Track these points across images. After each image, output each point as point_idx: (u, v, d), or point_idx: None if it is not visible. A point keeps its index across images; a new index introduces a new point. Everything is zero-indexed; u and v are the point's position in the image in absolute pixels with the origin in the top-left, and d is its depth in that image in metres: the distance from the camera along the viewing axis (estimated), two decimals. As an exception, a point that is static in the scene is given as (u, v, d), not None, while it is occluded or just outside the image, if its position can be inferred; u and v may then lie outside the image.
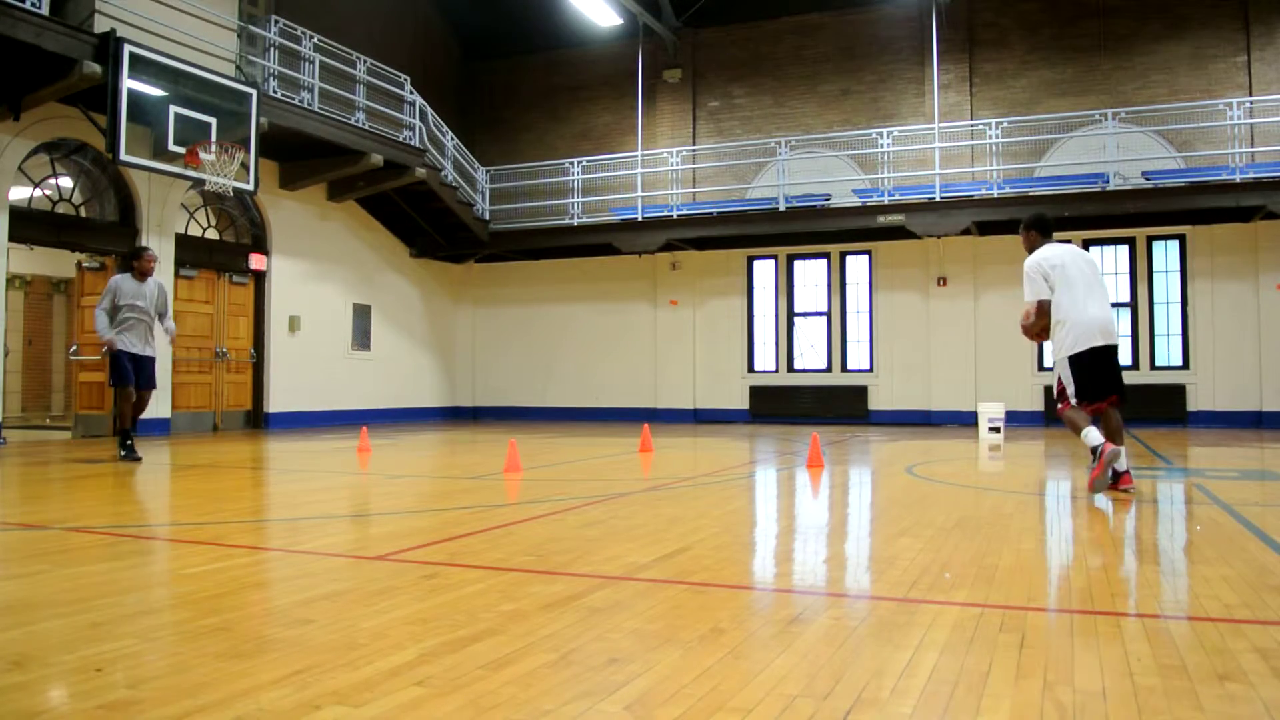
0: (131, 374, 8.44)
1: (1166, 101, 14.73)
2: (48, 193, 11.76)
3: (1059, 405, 6.01)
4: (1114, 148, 14.30)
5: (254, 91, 11.87)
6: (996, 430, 12.00)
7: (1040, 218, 6.25)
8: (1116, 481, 5.77)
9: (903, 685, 2.24)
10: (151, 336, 8.63)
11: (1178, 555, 4.06)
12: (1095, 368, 5.78)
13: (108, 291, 8.52)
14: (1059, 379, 5.97)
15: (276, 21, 13.25)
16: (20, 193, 11.39)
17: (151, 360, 8.61)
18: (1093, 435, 5.68)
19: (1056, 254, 5.96)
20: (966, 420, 14.88)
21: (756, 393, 16.78)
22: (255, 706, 2.09)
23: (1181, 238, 14.77)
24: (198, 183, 11.81)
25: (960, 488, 6.58)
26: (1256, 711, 2.07)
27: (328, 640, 2.63)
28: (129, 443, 8.41)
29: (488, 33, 19.17)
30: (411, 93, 15.56)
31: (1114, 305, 15.14)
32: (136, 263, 8.64)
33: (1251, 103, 14.03)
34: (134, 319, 8.47)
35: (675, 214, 16.16)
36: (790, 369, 16.76)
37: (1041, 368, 15.32)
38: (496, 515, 5.22)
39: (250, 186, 12.12)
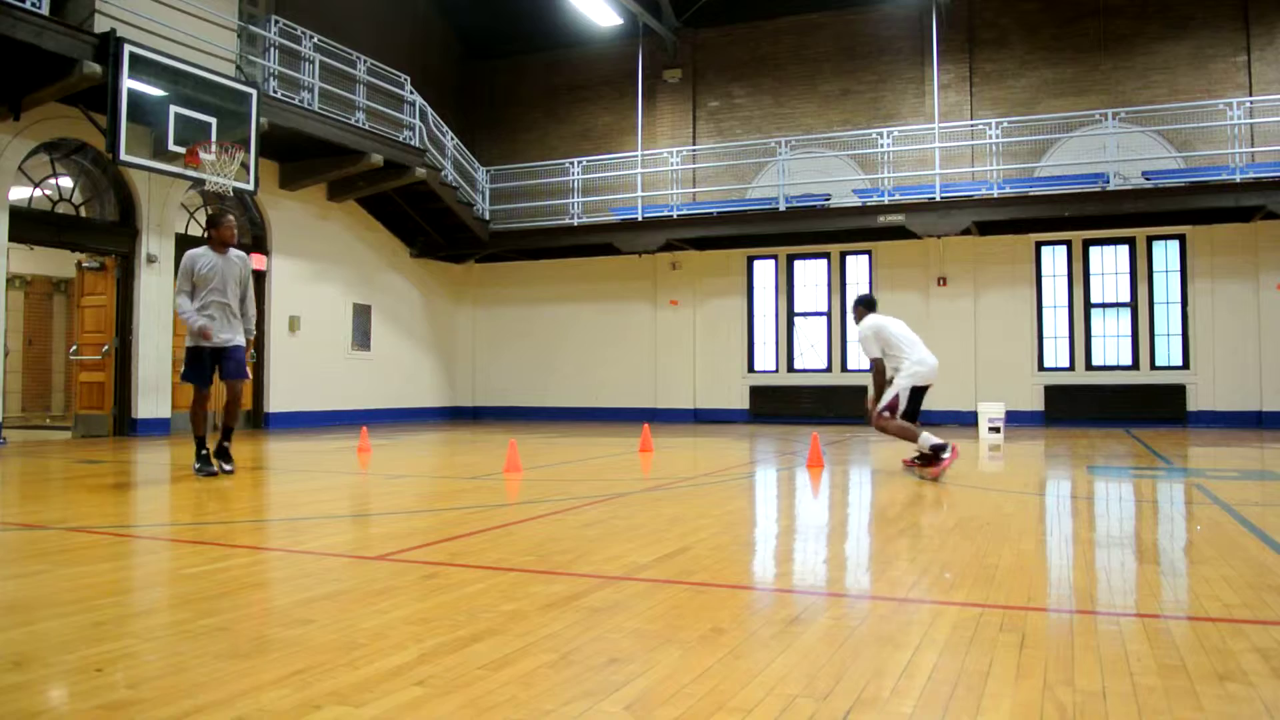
0: (209, 374, 7.12)
1: (1166, 101, 14.73)
2: (48, 193, 11.75)
3: (884, 414, 7.37)
4: (1114, 148, 14.30)
5: (254, 91, 11.87)
6: (996, 430, 12.00)
7: (869, 299, 7.90)
8: (929, 463, 7.11)
9: (903, 685, 2.24)
10: (236, 319, 7.22)
11: (1178, 555, 4.06)
12: (919, 397, 7.54)
13: (183, 270, 7.04)
14: (895, 396, 7.38)
15: (276, 21, 13.26)
16: (20, 193, 11.38)
17: (239, 348, 7.18)
18: (932, 438, 7.02)
19: (883, 320, 7.66)
20: (966, 420, 14.87)
21: (756, 393, 16.78)
22: (255, 706, 2.09)
23: (1181, 238, 14.78)
24: (198, 183, 11.81)
25: (960, 488, 6.58)
26: (1256, 711, 2.07)
27: (328, 640, 2.63)
28: (204, 453, 7.20)
29: (488, 33, 19.18)
30: (411, 93, 15.56)
31: (1114, 305, 15.22)
32: (215, 231, 7.15)
33: (1251, 103, 14.03)
34: (215, 301, 7.04)
35: (675, 214, 16.16)
36: (790, 369, 16.76)
37: (1041, 367, 15.32)
38: (496, 515, 5.22)
39: (250, 186, 12.11)
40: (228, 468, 7.35)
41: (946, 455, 6.90)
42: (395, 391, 17.11)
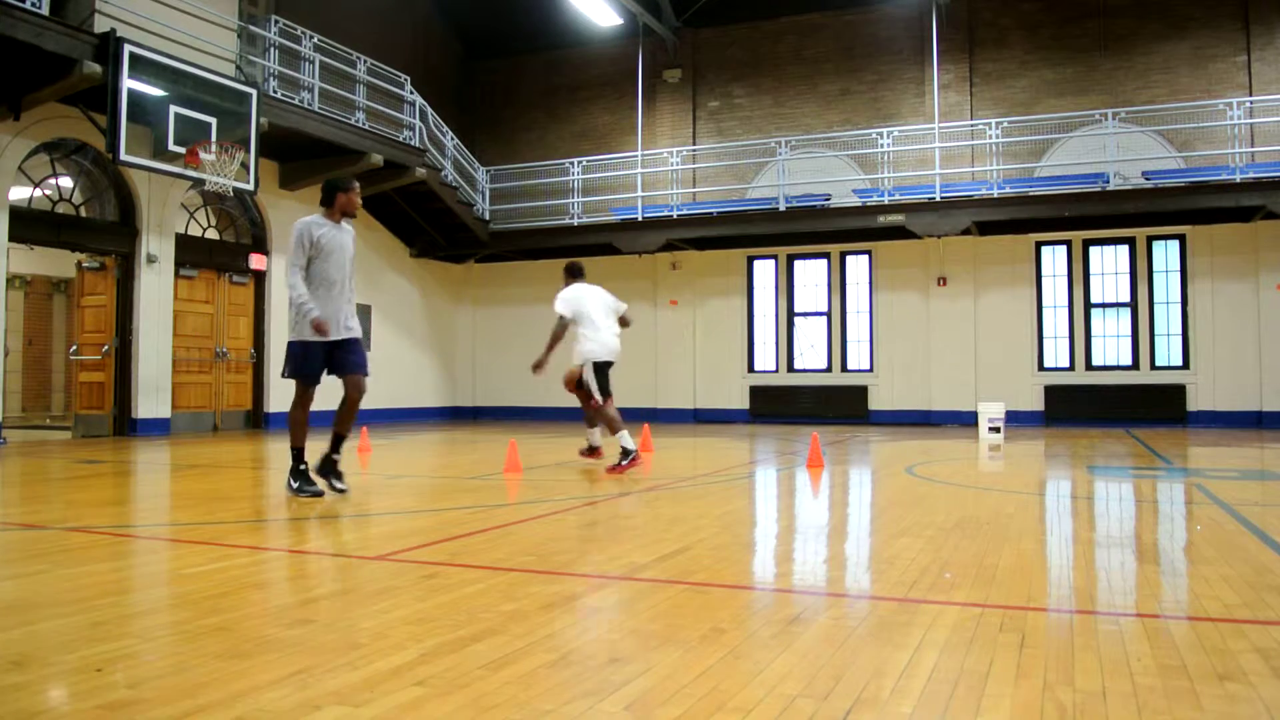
0: (320, 366, 5.86)
1: (1166, 101, 14.73)
2: (48, 193, 11.75)
3: (591, 401, 7.82)
4: (1114, 148, 14.30)
5: (254, 91, 11.87)
6: (996, 430, 12.00)
7: (578, 268, 8.21)
8: (593, 453, 8.24)
9: (903, 685, 2.24)
10: (353, 305, 6.04)
11: (1178, 555, 4.06)
12: (605, 374, 7.85)
13: (298, 241, 5.77)
14: (587, 380, 7.82)
15: (276, 21, 13.25)
16: (20, 193, 11.38)
17: (357, 341, 5.97)
18: (629, 439, 7.51)
19: (583, 291, 7.94)
20: (966, 420, 14.88)
21: (756, 393, 16.77)
22: (255, 706, 2.09)
23: (1181, 238, 14.78)
24: (198, 183, 11.81)
25: (960, 488, 6.58)
26: (1256, 711, 2.07)
27: (328, 640, 2.63)
28: (303, 467, 5.89)
29: (488, 32, 19.17)
30: (411, 93, 15.55)
31: (1114, 305, 15.18)
32: (343, 196, 5.94)
33: (1251, 103, 14.03)
34: (336, 279, 5.84)
35: (675, 214, 16.16)
36: (790, 369, 16.76)
37: (1041, 367, 15.32)
38: (496, 515, 5.22)
39: (250, 186, 12.11)
40: (340, 486, 5.94)
41: (625, 462, 7.36)
42: (395, 391, 17.10)
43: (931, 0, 15.25)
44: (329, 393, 6.06)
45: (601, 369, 7.77)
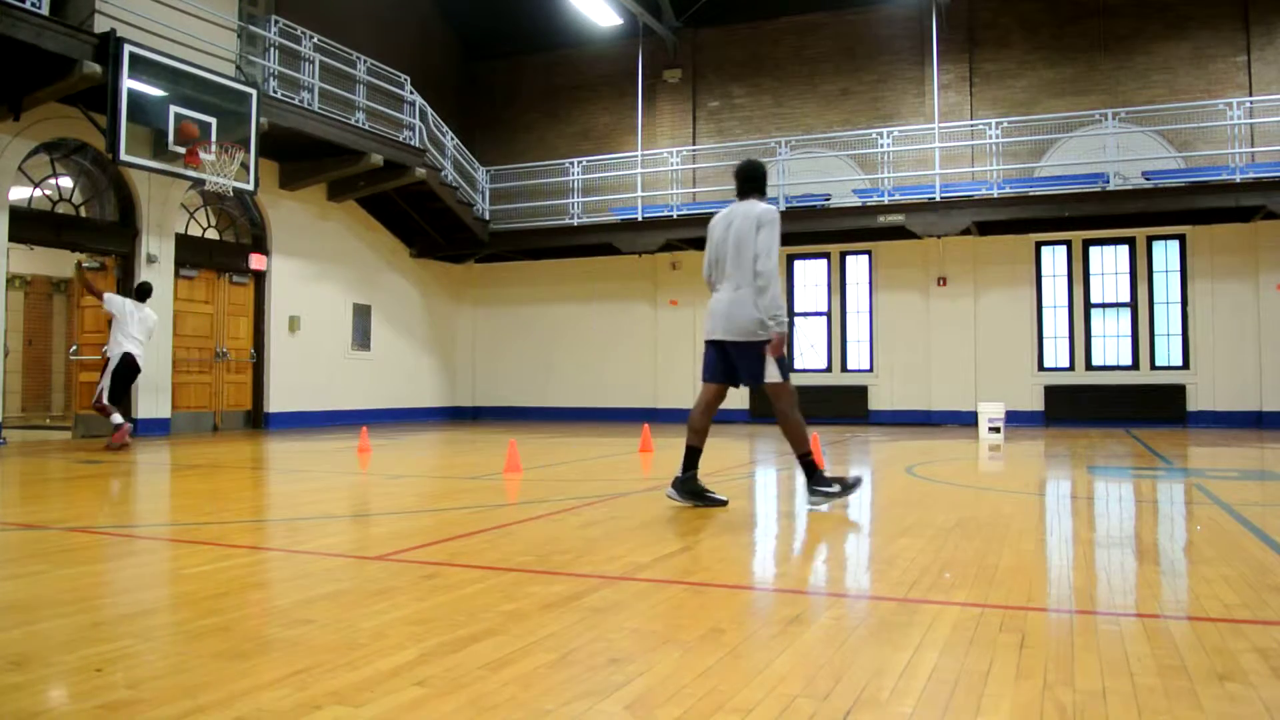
0: None
1: (1166, 101, 14.73)
2: (48, 193, 11.75)
3: (99, 404, 9.91)
4: (1114, 148, 14.30)
5: (254, 91, 11.87)
6: (996, 430, 12.00)
7: (144, 287, 10.73)
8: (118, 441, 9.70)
9: (903, 685, 2.24)
10: None
11: (1178, 555, 4.06)
12: (131, 377, 10.25)
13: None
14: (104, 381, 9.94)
15: (276, 21, 13.26)
16: (20, 193, 11.38)
17: None
18: (120, 416, 9.82)
19: (132, 305, 10.28)
20: (966, 420, 14.88)
21: (757, 392, 16.75)
22: (255, 706, 2.09)
23: (1181, 238, 14.78)
24: (198, 183, 11.81)
25: (960, 488, 6.58)
26: (1256, 711, 2.07)
27: (328, 640, 2.63)
28: (836, 483, 5.40)
29: (488, 33, 19.17)
30: (411, 93, 15.56)
31: (1114, 305, 15.10)
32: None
33: (1251, 103, 14.03)
34: None
35: (675, 214, 16.16)
36: (790, 369, 16.74)
37: (1041, 367, 15.31)
38: (496, 515, 5.22)
39: (250, 186, 12.11)
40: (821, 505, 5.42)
41: (119, 433, 9.71)
42: (395, 391, 17.11)
43: (931, 0, 15.25)
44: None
45: (126, 371, 10.08)
